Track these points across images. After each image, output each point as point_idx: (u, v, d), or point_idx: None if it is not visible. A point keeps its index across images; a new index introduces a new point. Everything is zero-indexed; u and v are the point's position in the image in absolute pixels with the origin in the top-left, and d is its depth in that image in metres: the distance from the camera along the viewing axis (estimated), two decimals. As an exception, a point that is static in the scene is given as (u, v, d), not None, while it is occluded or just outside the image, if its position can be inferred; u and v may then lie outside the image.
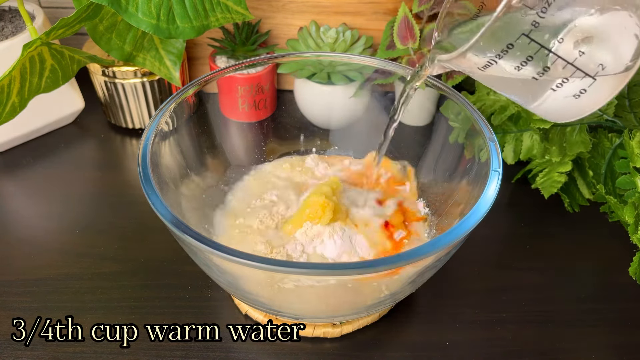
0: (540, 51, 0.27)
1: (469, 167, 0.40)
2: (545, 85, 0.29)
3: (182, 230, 0.30)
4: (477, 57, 0.28)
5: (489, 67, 0.28)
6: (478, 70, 0.29)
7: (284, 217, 0.44)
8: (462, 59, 0.29)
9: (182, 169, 0.43)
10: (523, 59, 0.27)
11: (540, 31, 0.26)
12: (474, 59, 0.28)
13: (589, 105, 0.29)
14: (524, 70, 0.28)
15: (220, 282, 0.37)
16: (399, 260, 0.29)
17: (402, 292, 0.36)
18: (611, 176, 0.50)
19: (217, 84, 0.45)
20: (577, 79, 0.28)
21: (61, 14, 0.69)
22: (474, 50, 0.27)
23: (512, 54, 0.27)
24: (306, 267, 0.29)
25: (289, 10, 0.61)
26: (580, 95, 0.29)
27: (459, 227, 0.31)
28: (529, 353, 0.41)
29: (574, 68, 0.27)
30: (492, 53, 0.27)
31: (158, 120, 0.39)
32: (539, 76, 0.28)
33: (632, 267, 0.44)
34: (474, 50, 0.27)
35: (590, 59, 0.27)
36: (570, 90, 0.28)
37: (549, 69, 0.28)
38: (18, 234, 0.49)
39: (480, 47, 0.27)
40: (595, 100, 0.29)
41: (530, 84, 0.29)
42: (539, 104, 0.31)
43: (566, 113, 0.31)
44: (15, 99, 0.47)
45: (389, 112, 0.40)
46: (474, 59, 0.28)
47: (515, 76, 0.28)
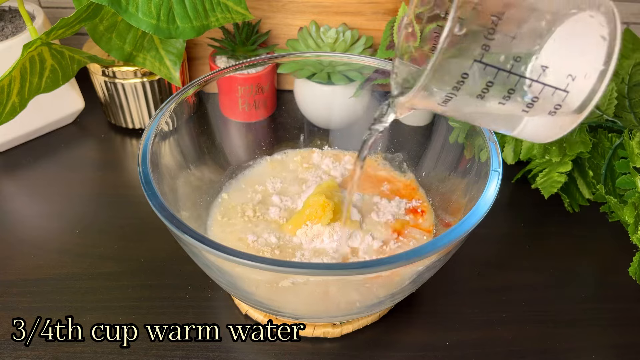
0: (499, 74, 0.25)
1: (469, 167, 0.40)
2: (516, 108, 0.27)
3: (182, 230, 0.30)
4: (435, 93, 0.26)
5: (450, 101, 0.26)
6: (440, 106, 0.27)
7: (284, 216, 0.44)
8: (421, 97, 0.26)
9: (182, 168, 0.43)
10: (483, 86, 0.25)
11: (493, 54, 0.24)
12: (433, 95, 0.26)
13: (570, 119, 0.27)
14: (488, 97, 0.26)
15: (220, 282, 0.37)
16: (399, 260, 0.29)
17: (402, 292, 0.36)
18: (611, 176, 0.50)
19: (217, 84, 0.45)
20: (548, 95, 0.26)
21: (61, 14, 0.69)
22: (428, 87, 0.25)
23: (469, 83, 0.25)
24: (306, 267, 0.29)
25: (289, 10, 0.61)
26: (557, 112, 0.26)
27: (459, 227, 0.31)
28: (529, 353, 0.41)
29: (541, 85, 0.25)
30: (448, 86, 0.25)
31: (158, 120, 0.39)
32: (505, 101, 0.26)
33: (632, 267, 0.44)
34: (429, 86, 0.25)
35: (556, 72, 0.25)
36: (545, 107, 0.26)
37: (514, 91, 0.26)
38: (18, 234, 0.49)
39: (435, 82, 0.25)
40: (575, 112, 0.27)
41: (501, 110, 0.27)
42: (521, 129, 0.28)
43: (550, 132, 0.28)
44: (15, 99, 0.47)
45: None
46: (433, 96, 0.26)
47: (482, 106, 0.26)
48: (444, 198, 0.45)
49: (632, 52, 0.58)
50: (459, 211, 0.40)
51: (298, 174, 0.49)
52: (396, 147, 0.50)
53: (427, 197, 0.47)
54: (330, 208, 0.41)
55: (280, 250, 0.41)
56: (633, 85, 0.56)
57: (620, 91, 0.55)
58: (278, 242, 0.42)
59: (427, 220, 0.45)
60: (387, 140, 0.51)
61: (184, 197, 0.42)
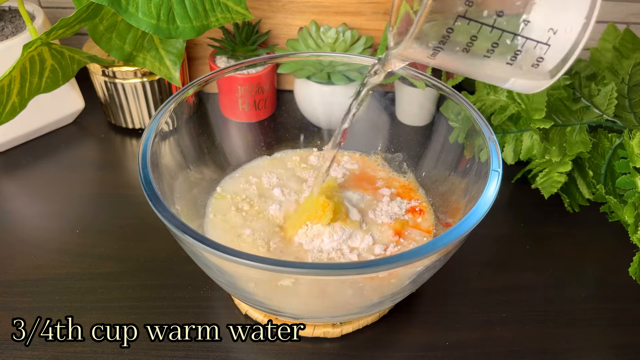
0: (483, 29, 0.26)
1: (469, 167, 0.40)
2: (501, 61, 0.28)
3: (182, 230, 0.30)
4: (424, 45, 0.27)
5: (438, 54, 0.28)
6: (429, 59, 0.28)
7: (285, 217, 0.44)
8: (410, 49, 0.28)
9: (182, 168, 0.43)
10: (467, 40, 0.27)
11: (476, 9, 0.26)
12: (422, 48, 0.28)
13: (553, 68, 0.28)
14: (474, 51, 0.27)
15: (220, 282, 0.37)
16: (399, 260, 0.29)
17: (402, 292, 0.36)
18: (611, 176, 0.50)
19: (217, 84, 0.45)
20: (530, 49, 0.27)
21: (61, 14, 0.69)
22: (418, 39, 0.27)
23: (454, 37, 0.27)
24: (306, 267, 0.29)
25: (289, 10, 0.61)
26: (539, 64, 0.28)
27: (458, 227, 0.31)
28: (530, 353, 0.41)
29: (523, 38, 0.27)
30: (435, 40, 0.27)
31: (158, 121, 0.39)
32: (490, 54, 0.27)
33: (632, 267, 0.44)
34: (419, 39, 0.27)
35: (538, 26, 0.26)
36: (527, 60, 0.28)
37: (497, 45, 0.27)
38: (18, 234, 0.49)
39: (424, 35, 0.27)
40: (559, 64, 0.28)
41: (486, 63, 0.28)
42: (512, 82, 0.30)
43: (534, 84, 0.30)
44: (15, 99, 0.47)
45: (386, 110, 0.39)
46: (422, 48, 0.28)
47: (469, 59, 0.28)
48: (444, 198, 0.45)
49: (632, 52, 0.58)
50: (458, 211, 0.40)
51: (296, 172, 0.49)
52: (396, 147, 0.50)
53: (426, 197, 0.47)
54: (330, 208, 0.41)
55: (281, 251, 0.41)
56: (633, 85, 0.56)
57: (620, 91, 0.55)
58: (278, 245, 0.42)
59: (427, 221, 0.45)
60: (387, 140, 0.51)
61: (184, 197, 0.42)
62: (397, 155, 0.50)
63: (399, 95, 0.52)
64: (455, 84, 0.56)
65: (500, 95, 0.55)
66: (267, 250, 0.41)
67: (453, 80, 0.56)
